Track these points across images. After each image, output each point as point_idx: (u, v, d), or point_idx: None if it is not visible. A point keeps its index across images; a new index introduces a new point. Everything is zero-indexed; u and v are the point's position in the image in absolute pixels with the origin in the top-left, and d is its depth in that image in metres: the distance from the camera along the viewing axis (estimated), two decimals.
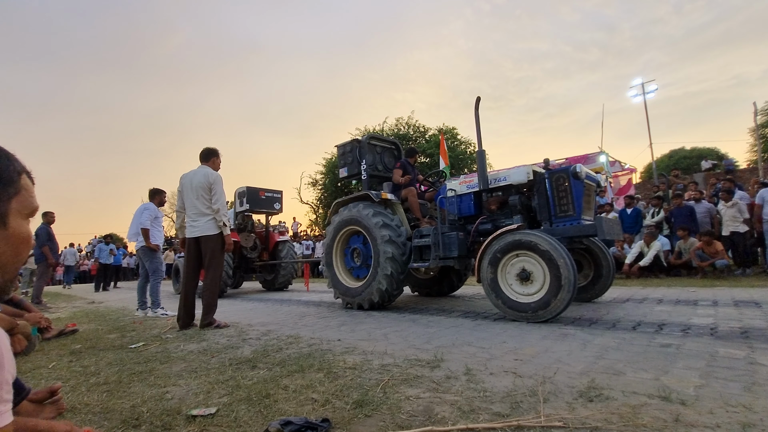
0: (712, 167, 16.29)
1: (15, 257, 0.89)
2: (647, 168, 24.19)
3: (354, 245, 5.00)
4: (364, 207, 4.73)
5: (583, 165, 3.95)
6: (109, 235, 15.13)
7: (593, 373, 1.94)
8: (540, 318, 3.29)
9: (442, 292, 5.79)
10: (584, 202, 3.83)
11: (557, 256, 3.19)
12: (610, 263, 4.33)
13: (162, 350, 3.00)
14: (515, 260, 3.51)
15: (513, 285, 3.52)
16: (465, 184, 4.50)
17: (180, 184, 4.15)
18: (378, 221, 4.51)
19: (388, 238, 4.43)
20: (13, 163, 0.90)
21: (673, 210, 7.62)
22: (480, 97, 4.06)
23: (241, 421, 1.56)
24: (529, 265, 3.42)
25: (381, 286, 4.46)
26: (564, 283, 3.15)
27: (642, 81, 21.50)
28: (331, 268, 5.13)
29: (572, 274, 3.15)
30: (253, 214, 9.32)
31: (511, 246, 3.46)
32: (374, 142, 5.81)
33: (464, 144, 20.35)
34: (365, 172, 5.22)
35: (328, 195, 21.02)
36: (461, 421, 1.47)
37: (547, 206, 3.95)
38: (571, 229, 3.69)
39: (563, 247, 3.26)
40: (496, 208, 4.31)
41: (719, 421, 1.36)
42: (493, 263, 3.55)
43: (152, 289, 5.46)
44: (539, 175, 4.03)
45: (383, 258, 4.43)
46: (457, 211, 4.49)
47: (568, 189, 3.82)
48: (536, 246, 3.30)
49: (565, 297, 3.16)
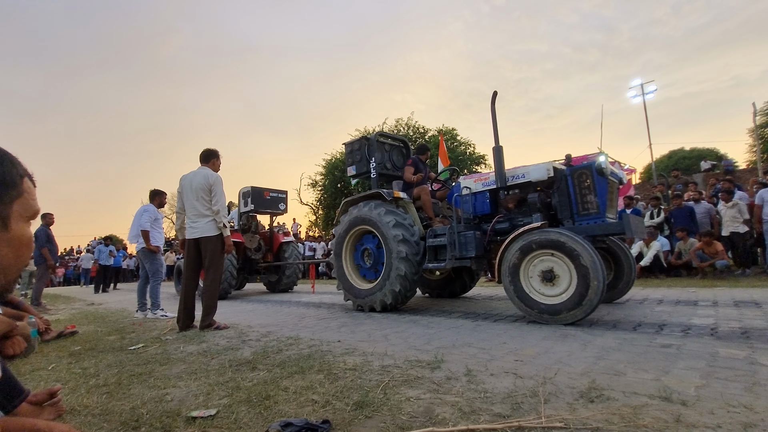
0: (711, 168, 16.29)
1: (16, 259, 0.89)
2: (647, 168, 24.24)
3: (365, 245, 4.87)
4: (375, 206, 4.59)
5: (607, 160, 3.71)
6: (108, 237, 15.11)
7: (594, 373, 1.94)
8: (544, 321, 3.23)
9: (454, 293, 5.63)
10: (608, 199, 3.65)
11: (593, 275, 3.03)
12: (631, 263, 4.20)
13: (162, 352, 2.99)
14: (539, 260, 3.37)
15: (536, 285, 3.39)
16: (480, 181, 4.29)
17: (180, 186, 4.15)
18: (390, 220, 4.39)
19: (401, 238, 4.30)
20: (16, 166, 0.90)
21: (673, 210, 7.62)
22: (497, 91, 3.91)
23: (242, 422, 1.56)
24: (555, 266, 3.29)
25: (394, 288, 4.33)
26: (585, 302, 3.05)
27: (641, 82, 21.58)
28: (339, 260, 4.99)
29: (598, 298, 3.01)
30: (258, 214, 9.22)
31: (549, 243, 3.28)
32: (383, 139, 5.68)
33: (464, 145, 20.38)
34: (374, 171, 5.04)
35: (328, 196, 21.02)
36: (462, 422, 1.46)
37: (569, 204, 3.78)
38: (596, 227, 3.49)
39: (593, 248, 3.11)
40: (514, 206, 4.15)
41: (720, 422, 1.36)
42: (524, 252, 3.39)
43: (152, 291, 5.45)
44: (560, 171, 3.86)
45: (396, 258, 4.30)
46: (472, 209, 4.28)
47: (592, 186, 3.66)
48: (577, 256, 3.12)
49: (579, 314, 3.08)
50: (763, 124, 21.36)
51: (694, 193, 7.88)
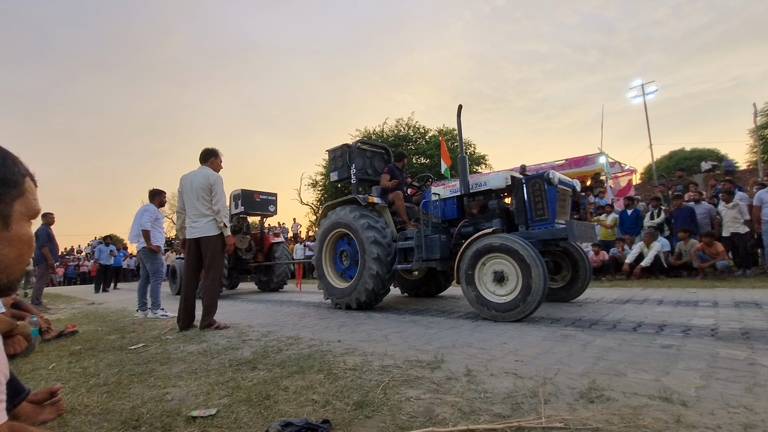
0: (711, 168, 16.27)
1: (18, 258, 0.89)
2: (647, 169, 24.20)
3: (342, 248, 5.12)
4: (351, 210, 4.87)
5: (556, 172, 4.13)
6: (109, 236, 15.11)
7: (594, 374, 1.94)
8: (507, 318, 3.45)
9: (430, 293, 5.91)
10: (558, 206, 3.99)
11: (532, 263, 3.33)
12: (587, 265, 4.48)
13: (162, 351, 2.99)
14: (491, 262, 3.66)
15: (488, 284, 3.67)
16: (448, 188, 4.66)
17: (180, 185, 4.15)
18: (364, 223, 4.64)
19: (373, 239, 4.54)
20: (18, 165, 0.90)
21: (673, 211, 7.62)
22: (461, 105, 4.29)
23: (242, 422, 1.56)
24: (504, 267, 3.57)
25: (368, 286, 4.57)
26: (534, 289, 3.30)
27: (642, 82, 21.53)
28: (321, 269, 5.25)
29: (543, 282, 3.28)
30: (248, 216, 9.42)
31: (491, 248, 3.60)
32: (364, 146, 5.96)
33: (464, 145, 20.38)
34: (354, 176, 5.37)
35: (328, 196, 21.06)
36: (462, 422, 1.46)
37: (524, 210, 4.11)
38: (545, 232, 3.85)
39: (537, 252, 3.39)
40: (478, 212, 4.48)
41: (720, 422, 1.36)
42: (472, 262, 3.70)
43: (152, 291, 5.46)
44: (517, 180, 4.18)
45: (369, 258, 4.54)
46: (441, 214, 4.62)
47: (543, 194, 3.97)
48: (515, 251, 3.43)
49: (534, 300, 3.30)
50: (764, 125, 21.36)
51: (694, 194, 7.88)
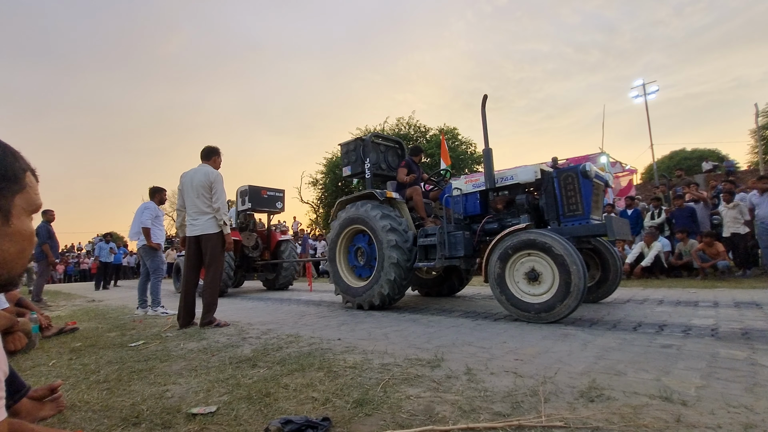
0: (713, 168, 16.27)
1: (19, 254, 0.89)
2: (648, 169, 24.18)
3: (358, 244, 4.93)
4: (372, 207, 4.62)
5: (592, 164, 3.86)
6: (109, 234, 15.12)
7: (594, 373, 1.94)
8: (543, 320, 3.27)
9: (441, 293, 5.75)
10: (593, 201, 3.75)
11: (570, 260, 3.13)
12: (617, 265, 4.26)
13: (162, 349, 2.99)
14: (525, 259, 3.45)
15: (520, 284, 3.47)
16: (471, 183, 4.42)
17: (180, 183, 4.15)
18: (386, 224, 4.42)
19: (394, 243, 4.35)
20: (19, 160, 0.90)
21: (674, 211, 7.62)
22: (487, 95, 3.99)
23: (242, 419, 1.56)
24: (539, 266, 3.37)
25: (383, 290, 4.42)
26: (573, 289, 3.11)
27: (643, 82, 21.50)
28: (334, 264, 5.08)
29: (583, 282, 3.08)
30: (255, 212, 9.29)
31: (523, 245, 3.39)
32: (378, 140, 5.76)
33: (465, 144, 20.34)
34: (369, 171, 5.13)
35: (328, 195, 21.01)
36: (462, 420, 1.46)
37: (555, 205, 3.87)
38: (580, 228, 3.61)
39: (577, 251, 3.18)
40: (503, 208, 4.23)
41: (720, 422, 1.36)
42: (503, 260, 3.49)
43: (153, 288, 5.46)
44: (547, 174, 3.95)
45: (388, 263, 4.36)
46: (463, 210, 4.41)
47: (577, 188, 3.74)
48: (550, 248, 3.23)
49: (572, 303, 3.12)
50: (765, 126, 21.33)
51: (696, 194, 7.87)
